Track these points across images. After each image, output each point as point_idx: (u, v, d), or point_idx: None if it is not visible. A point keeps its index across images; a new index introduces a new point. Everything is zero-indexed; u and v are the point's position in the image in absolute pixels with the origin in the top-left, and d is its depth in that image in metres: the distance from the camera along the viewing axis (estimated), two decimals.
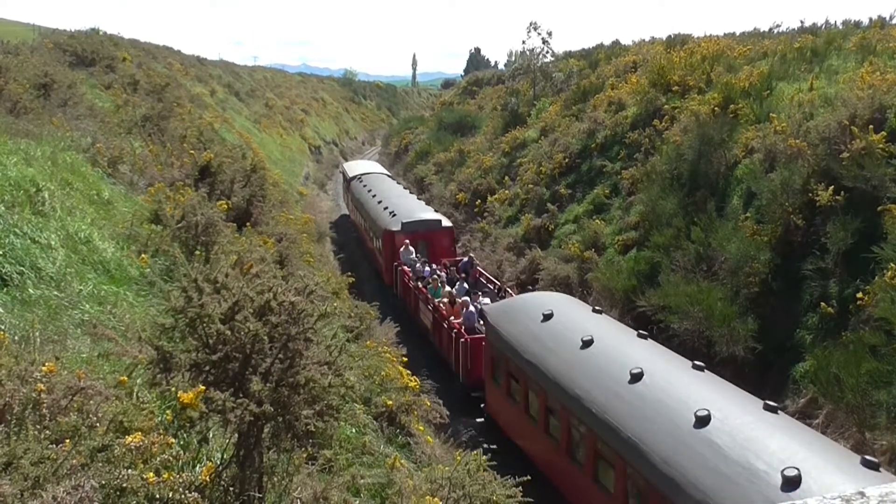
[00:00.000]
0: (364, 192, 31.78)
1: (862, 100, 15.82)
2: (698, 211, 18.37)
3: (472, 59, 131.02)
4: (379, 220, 26.84)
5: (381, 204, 28.14)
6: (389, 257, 25.02)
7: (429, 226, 25.46)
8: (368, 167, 40.03)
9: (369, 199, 30.14)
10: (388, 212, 26.54)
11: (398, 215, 25.78)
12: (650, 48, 33.01)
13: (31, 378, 5.14)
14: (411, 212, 26.40)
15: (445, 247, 25.29)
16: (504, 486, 7.22)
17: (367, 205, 29.95)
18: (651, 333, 16.44)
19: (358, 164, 43.96)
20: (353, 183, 35.28)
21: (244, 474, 5.45)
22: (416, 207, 27.72)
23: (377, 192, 30.37)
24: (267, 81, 68.33)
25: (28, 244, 8.35)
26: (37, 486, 4.27)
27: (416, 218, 25.66)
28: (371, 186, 31.97)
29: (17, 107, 15.49)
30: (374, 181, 33.47)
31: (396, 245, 24.46)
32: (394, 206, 27.02)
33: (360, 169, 38.70)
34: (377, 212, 27.76)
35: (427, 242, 25.03)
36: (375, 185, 32.34)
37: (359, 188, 33.29)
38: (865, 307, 12.88)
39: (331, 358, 5.77)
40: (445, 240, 25.51)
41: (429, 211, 27.67)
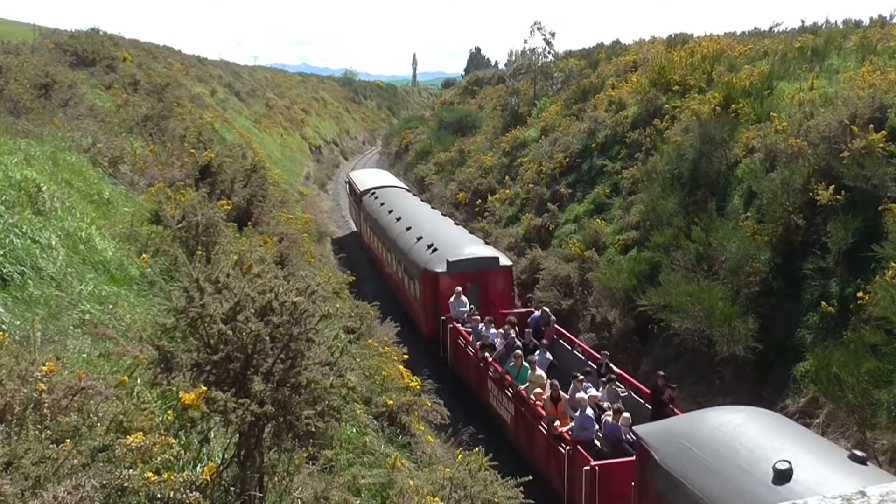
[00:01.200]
0: (383, 214, 26.94)
1: (862, 99, 15.81)
2: (699, 210, 18.36)
3: (472, 58, 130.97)
4: (413, 255, 21.52)
5: (411, 231, 22.92)
6: (431, 306, 19.95)
7: (482, 265, 19.93)
8: (381, 178, 34.90)
9: (393, 224, 25.14)
10: (424, 245, 21.21)
11: (440, 250, 20.39)
12: (651, 48, 32.98)
13: (32, 378, 5.14)
14: (457, 246, 20.83)
15: (501, 291, 19.93)
16: (505, 487, 7.22)
17: (391, 231, 24.95)
18: (651, 333, 16.48)
19: (368, 174, 37.79)
20: (365, 199, 30.50)
21: (245, 474, 5.45)
22: (461, 239, 22.14)
23: (402, 215, 25.41)
24: (267, 81, 68.32)
25: (29, 244, 8.35)
26: (38, 486, 4.27)
27: (466, 255, 20.08)
28: (391, 205, 27.33)
29: (17, 107, 15.49)
30: (393, 198, 28.81)
31: (441, 291, 19.51)
32: (431, 237, 21.58)
33: (371, 181, 33.48)
34: (408, 244, 22.40)
35: (478, 286, 19.65)
36: (396, 203, 27.67)
37: (374, 207, 28.68)
38: (866, 306, 12.88)
39: (332, 358, 5.77)
40: (502, 282, 20.03)
41: (478, 244, 21.97)
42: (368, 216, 29.37)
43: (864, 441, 11.61)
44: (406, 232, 23.28)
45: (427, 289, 20.01)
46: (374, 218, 27.85)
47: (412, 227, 23.23)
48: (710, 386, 15.37)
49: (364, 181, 33.79)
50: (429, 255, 20.42)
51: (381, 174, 37.91)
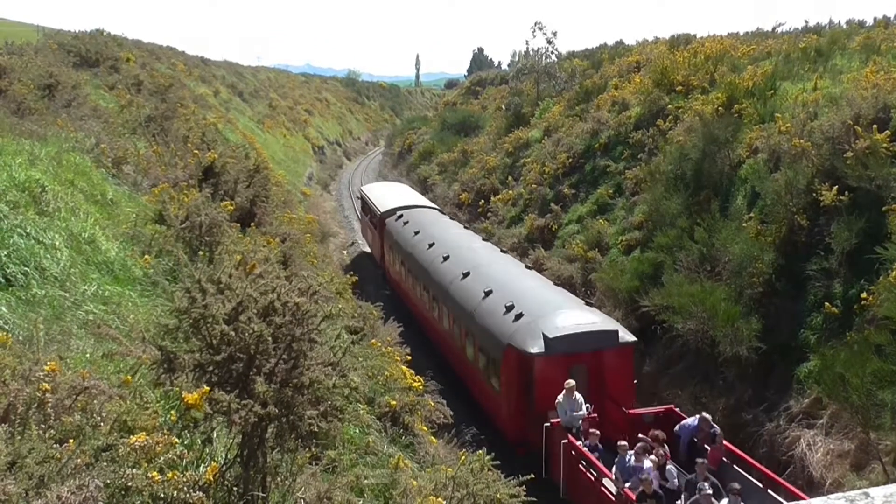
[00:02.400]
0: (419, 246, 21.71)
1: (866, 99, 15.78)
2: (702, 211, 18.34)
3: (475, 59, 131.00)
4: (485, 320, 15.64)
5: (472, 280, 17.40)
6: (520, 400, 14.31)
7: (594, 341, 14.05)
8: (404, 195, 29.76)
9: (439, 265, 19.55)
10: (499, 305, 15.47)
11: (529, 317, 14.58)
12: (654, 48, 32.97)
13: (36, 378, 5.14)
14: (551, 310, 14.85)
15: (620, 377, 14.11)
16: (507, 486, 7.22)
17: (437, 274, 19.43)
18: (655, 334, 16.48)
19: (386, 190, 31.80)
20: (389, 224, 25.51)
21: (248, 474, 5.45)
22: (550, 296, 16.07)
23: (449, 251, 19.83)
24: (270, 82, 68.41)
25: (32, 244, 8.36)
26: (41, 486, 4.28)
27: (573, 328, 14.07)
28: (429, 234, 22.00)
29: (21, 107, 15.52)
30: (429, 225, 23.44)
31: (537, 379, 13.81)
32: (507, 292, 15.89)
33: (393, 199, 28.17)
34: (469, 299, 16.81)
35: (585, 370, 13.94)
36: (435, 233, 22.26)
37: (404, 235, 23.58)
38: (870, 307, 12.85)
39: (335, 359, 5.77)
40: (621, 365, 14.18)
41: (577, 305, 15.58)
42: (396, 246, 24.07)
43: (868, 442, 11.58)
44: (462, 280, 17.78)
45: (514, 375, 14.26)
46: (407, 251, 22.41)
47: (472, 274, 17.78)
48: (713, 387, 15.35)
49: (384, 199, 28.26)
50: (513, 326, 14.58)
51: (401, 190, 32.12)
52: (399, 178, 48.96)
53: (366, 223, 31.71)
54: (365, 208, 31.76)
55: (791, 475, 12.44)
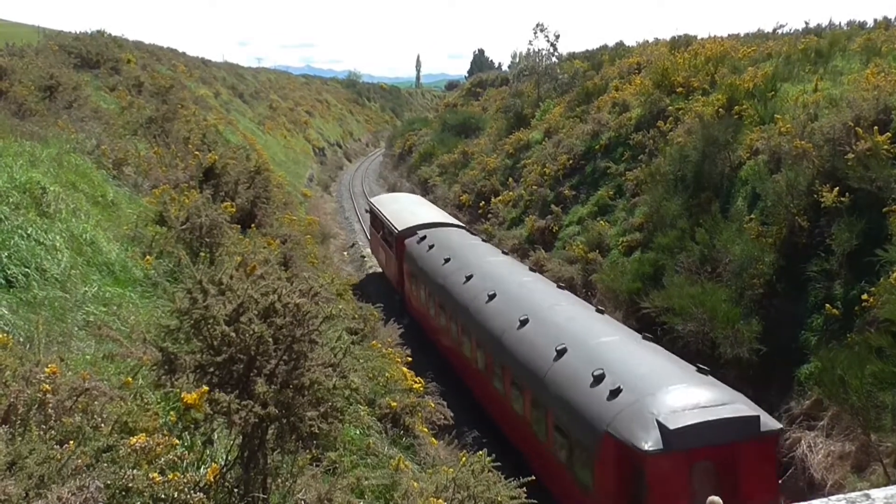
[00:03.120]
0: (455, 282, 17.71)
1: (867, 101, 15.78)
2: (703, 212, 18.34)
3: (475, 60, 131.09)
4: (574, 397, 11.44)
5: (544, 335, 13.24)
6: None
7: (727, 431, 10.03)
8: (423, 211, 26.05)
9: (489, 313, 15.38)
10: (583, 373, 11.55)
11: (639, 401, 10.43)
12: (654, 49, 32.99)
13: (36, 379, 5.15)
14: (665, 389, 10.63)
15: (760, 474, 10.31)
16: (508, 487, 7.22)
17: (485, 321, 15.37)
18: (655, 335, 16.50)
19: (401, 204, 27.61)
20: (411, 246, 21.84)
21: (249, 475, 5.46)
22: (657, 365, 11.65)
23: (502, 293, 15.68)
24: (271, 83, 68.48)
25: (33, 246, 8.37)
26: (42, 486, 4.28)
27: (697, 414, 10.05)
28: (464, 264, 18.26)
29: (22, 109, 15.53)
30: (461, 250, 19.73)
31: (653, 485, 9.80)
32: (599, 358, 11.79)
33: (411, 215, 24.50)
34: (550, 368, 12.35)
35: (715, 467, 10.06)
36: (471, 260, 18.55)
37: (431, 262, 19.89)
38: (871, 309, 12.84)
39: (335, 360, 5.77)
40: (760, 459, 10.29)
41: (696, 378, 11.16)
42: (420, 274, 20.51)
43: (869, 444, 11.58)
44: (520, 330, 13.89)
45: (616, 475, 10.32)
46: (437, 282, 18.81)
47: (532, 322, 13.87)
48: None
49: (400, 215, 24.53)
50: (611, 406, 10.56)
51: (418, 203, 28.22)
52: (399, 178, 48.98)
53: (377, 241, 27.53)
54: (375, 223, 27.63)
55: (792, 477, 12.44)
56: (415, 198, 31.13)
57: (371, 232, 30.06)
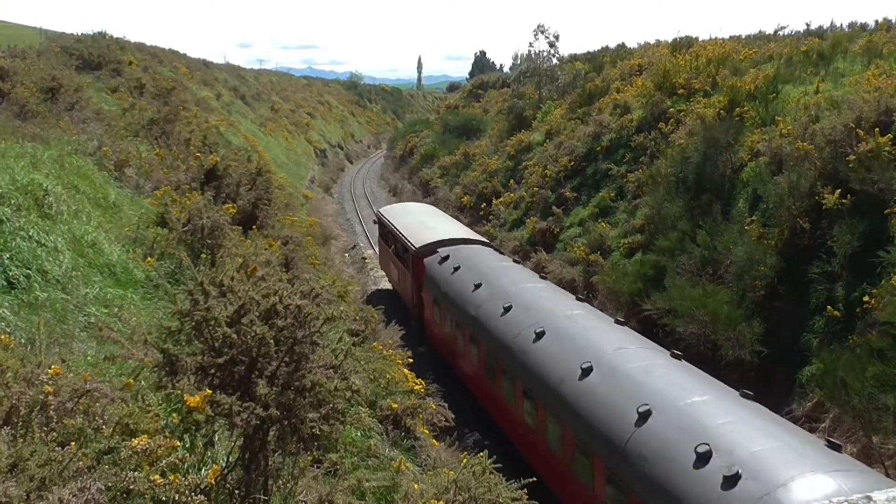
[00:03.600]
0: (489, 314, 15.16)
1: (868, 102, 15.78)
2: (704, 214, 18.34)
3: (477, 62, 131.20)
4: (675, 480, 8.66)
5: (617, 390, 10.72)
6: None
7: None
8: (440, 225, 23.24)
9: (540, 356, 12.74)
10: (701, 457, 8.61)
11: (767, 492, 7.74)
12: (655, 51, 33.01)
13: (38, 380, 5.15)
14: (794, 475, 7.86)
15: None
16: (509, 489, 7.21)
17: (535, 366, 12.70)
18: (656, 337, 16.49)
19: (413, 216, 24.70)
20: (431, 266, 19.39)
21: (250, 477, 5.45)
22: (770, 432, 8.90)
23: (553, 331, 13.13)
24: (272, 85, 68.55)
25: (35, 247, 8.38)
26: (43, 488, 4.28)
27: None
28: (504, 295, 15.34)
29: (24, 110, 15.57)
30: (493, 275, 16.84)
31: None
32: (697, 426, 9.21)
33: (427, 229, 22.13)
34: (632, 436, 9.75)
35: None
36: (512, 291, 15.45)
37: (458, 288, 17.25)
38: (872, 311, 12.83)
39: (336, 361, 5.77)
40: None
41: (839, 464, 8.23)
42: (443, 299, 17.92)
43: (871, 446, 11.56)
44: (584, 380, 11.24)
45: None
46: (469, 312, 16.07)
47: (596, 370, 11.25)
48: None
49: (416, 230, 22.18)
50: (727, 498, 8.05)
51: (433, 216, 25.49)
52: (401, 180, 48.96)
53: (387, 255, 25.20)
54: (386, 236, 25.19)
55: None
56: (427, 208, 28.27)
57: (380, 245, 27.28)
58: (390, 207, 28.59)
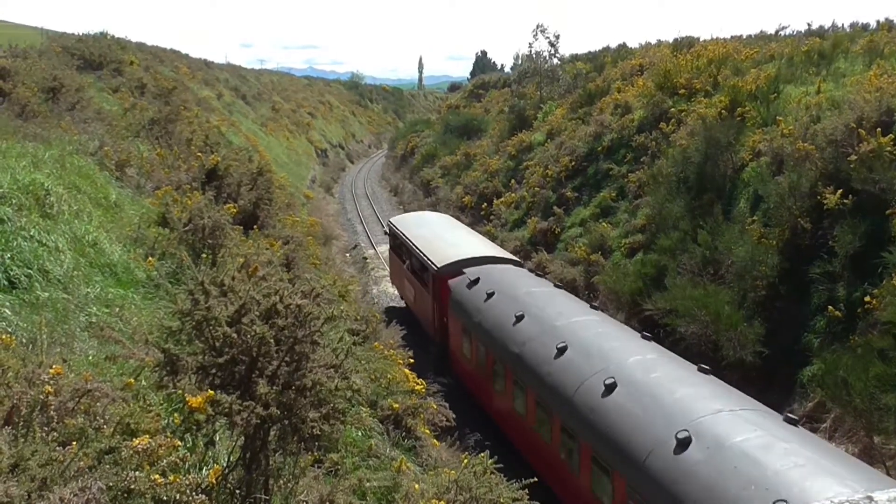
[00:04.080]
0: (540, 356, 12.70)
1: (869, 102, 15.76)
2: (705, 214, 18.33)
3: (478, 62, 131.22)
4: None
5: (730, 474, 7.93)
6: None
7: None
8: (464, 240, 20.89)
9: (616, 416, 10.19)
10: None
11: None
12: (656, 51, 33.01)
13: (39, 380, 5.15)
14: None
15: None
16: (510, 489, 7.21)
17: (627, 445, 9.62)
18: (657, 337, 16.51)
19: (430, 229, 22.22)
20: (458, 289, 16.99)
21: (250, 477, 5.45)
22: None
23: (627, 383, 10.61)
24: (273, 85, 68.58)
25: (36, 247, 8.38)
26: (44, 488, 4.29)
27: None
28: (557, 333, 12.87)
29: (25, 110, 15.59)
30: (539, 304, 14.39)
31: None
32: None
33: (449, 245, 19.77)
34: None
35: None
36: (568, 330, 12.93)
37: (495, 318, 14.82)
38: (873, 311, 12.82)
39: (337, 361, 5.77)
40: None
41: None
42: (475, 329, 15.53)
43: (872, 446, 11.56)
44: (682, 455, 8.76)
45: None
46: (511, 350, 13.54)
47: (695, 442, 8.79)
48: None
49: (436, 245, 19.91)
50: None
51: (453, 229, 22.87)
52: (402, 180, 48.94)
53: (400, 271, 22.87)
54: (399, 249, 22.92)
55: None
56: (444, 218, 25.38)
57: (391, 258, 24.95)
58: (403, 217, 25.89)
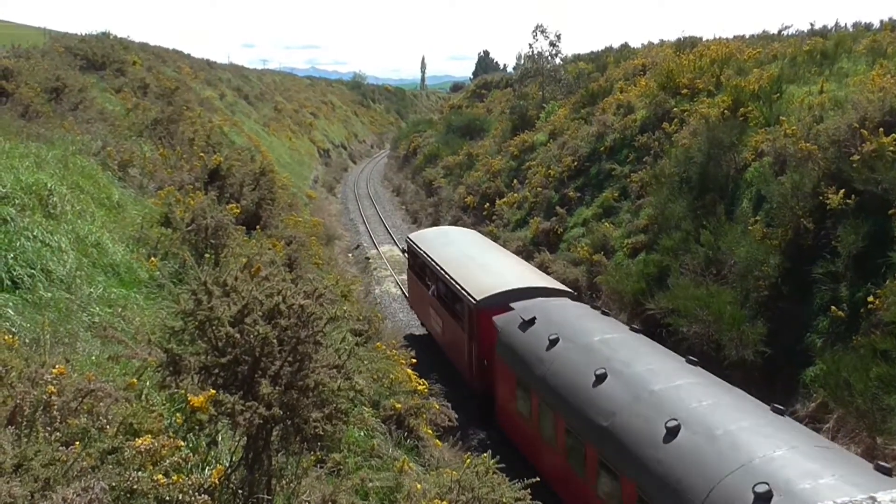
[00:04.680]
0: (655, 443, 9.10)
1: (872, 102, 15.73)
2: (707, 214, 18.31)
3: (480, 61, 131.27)
4: None
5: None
6: None
7: None
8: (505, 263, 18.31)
9: None
10: None
11: None
12: (659, 51, 32.95)
13: (42, 380, 5.16)
14: None
15: None
16: (513, 489, 7.21)
17: None
18: (660, 337, 16.49)
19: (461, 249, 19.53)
20: (506, 328, 14.46)
21: (253, 477, 5.46)
22: None
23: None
24: (276, 85, 68.62)
25: (39, 247, 8.39)
26: (47, 488, 4.29)
27: None
28: (660, 401, 9.78)
29: (28, 110, 15.62)
30: (620, 352, 11.59)
31: None
32: None
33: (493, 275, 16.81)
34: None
35: None
36: (674, 398, 9.75)
37: (568, 377, 11.77)
38: (876, 311, 12.80)
39: (340, 361, 5.77)
40: None
41: None
42: (544, 388, 12.37)
43: (875, 447, 11.54)
44: None
45: None
46: (598, 423, 10.37)
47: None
48: None
49: (471, 272, 17.06)
50: None
51: (482, 246, 20.40)
52: (404, 180, 48.91)
53: (423, 296, 19.91)
54: (420, 270, 20.15)
55: None
56: (470, 234, 22.01)
57: (410, 279, 21.90)
58: (423, 233, 22.55)
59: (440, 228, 25.58)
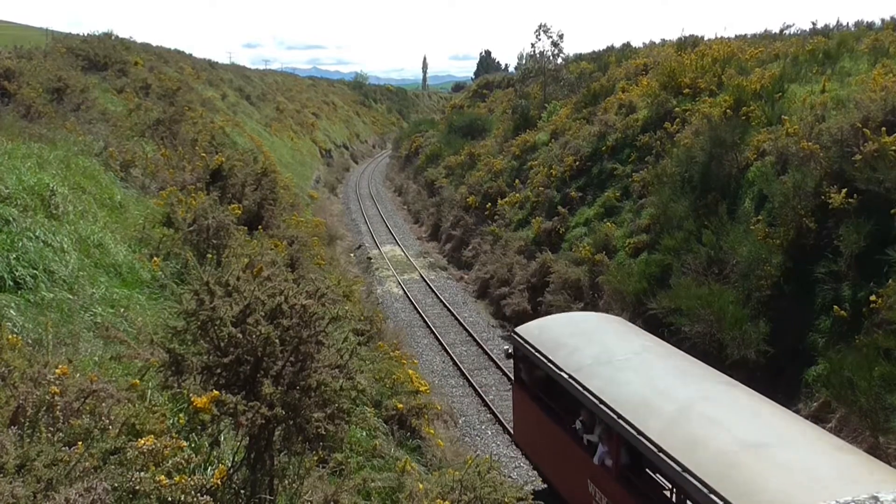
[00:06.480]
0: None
1: (875, 102, 15.71)
2: (709, 214, 18.29)
3: (482, 61, 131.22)
4: None
5: None
6: None
7: None
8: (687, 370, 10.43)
9: None
10: None
11: None
12: (661, 50, 32.91)
13: (45, 380, 5.17)
14: None
15: None
16: (514, 489, 7.21)
17: None
18: (662, 336, 16.47)
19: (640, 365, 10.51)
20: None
21: (255, 477, 5.46)
22: None
23: None
24: (278, 85, 68.61)
25: (41, 247, 8.40)
26: (50, 488, 4.30)
27: None
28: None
29: (30, 111, 15.62)
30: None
31: None
32: None
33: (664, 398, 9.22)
34: None
35: None
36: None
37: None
38: (879, 310, 12.78)
39: (342, 361, 5.77)
40: None
41: None
42: None
43: (878, 446, 11.52)
44: None
45: None
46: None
47: None
48: None
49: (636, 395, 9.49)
50: None
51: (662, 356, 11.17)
52: (406, 180, 48.83)
53: (546, 432, 11.96)
54: (546, 388, 12.20)
55: None
56: (617, 324, 13.32)
57: (518, 397, 13.20)
58: (545, 327, 12.97)
59: (571, 320, 13.76)
